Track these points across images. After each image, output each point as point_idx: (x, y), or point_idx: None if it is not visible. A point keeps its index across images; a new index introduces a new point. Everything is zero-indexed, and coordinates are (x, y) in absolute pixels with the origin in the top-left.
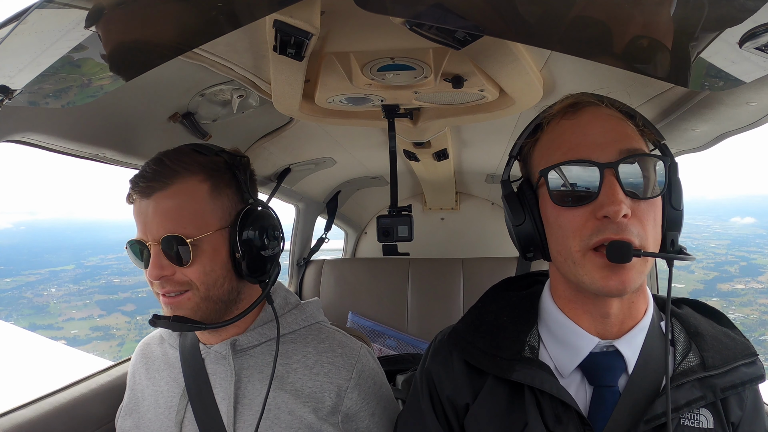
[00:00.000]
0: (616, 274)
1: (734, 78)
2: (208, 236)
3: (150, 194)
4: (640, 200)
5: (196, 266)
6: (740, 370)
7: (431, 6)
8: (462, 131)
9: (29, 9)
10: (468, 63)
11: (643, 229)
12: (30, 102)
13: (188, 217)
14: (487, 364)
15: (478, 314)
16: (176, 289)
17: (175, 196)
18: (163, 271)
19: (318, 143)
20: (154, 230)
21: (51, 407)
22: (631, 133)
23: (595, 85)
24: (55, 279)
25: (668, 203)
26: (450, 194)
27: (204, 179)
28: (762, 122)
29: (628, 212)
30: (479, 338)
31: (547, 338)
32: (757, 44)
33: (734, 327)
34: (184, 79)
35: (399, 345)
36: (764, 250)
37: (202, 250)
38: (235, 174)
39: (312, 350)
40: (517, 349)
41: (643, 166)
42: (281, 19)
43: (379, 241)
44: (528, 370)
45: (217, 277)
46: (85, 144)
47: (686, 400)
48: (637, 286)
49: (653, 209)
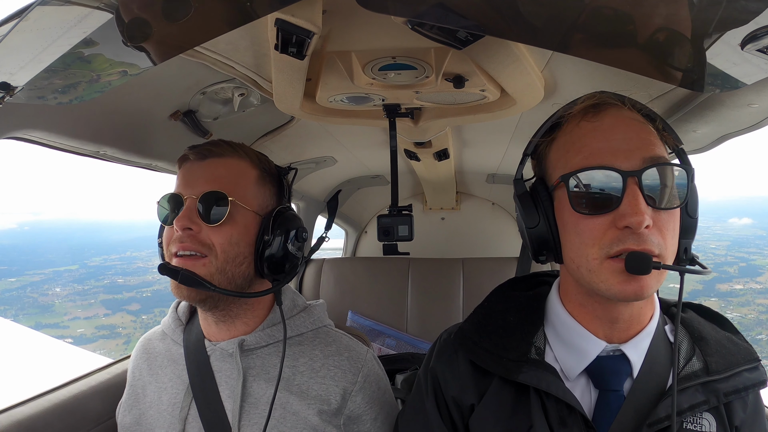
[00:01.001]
0: (635, 280)
1: (736, 80)
2: (245, 210)
3: (206, 157)
4: (661, 210)
5: (225, 230)
6: (743, 375)
7: (433, 6)
8: (463, 131)
9: (31, 6)
10: (469, 63)
11: (663, 240)
12: (31, 99)
13: (233, 185)
14: (493, 365)
15: (484, 314)
16: (197, 248)
17: (228, 165)
18: (191, 223)
19: (319, 142)
20: (198, 186)
21: (50, 404)
22: (653, 138)
23: (597, 86)
24: (59, 279)
25: (684, 211)
26: (450, 194)
27: (255, 167)
28: (763, 124)
29: (650, 223)
30: (485, 338)
31: (553, 340)
32: (759, 46)
33: (737, 332)
34: (185, 77)
35: (398, 344)
36: (764, 251)
37: (234, 219)
38: (281, 178)
39: (319, 353)
40: (523, 350)
41: (664, 175)
42: (283, 18)
43: (380, 241)
44: (534, 372)
45: (238, 253)
46: (86, 141)
47: (689, 404)
48: (653, 293)
49: (673, 219)
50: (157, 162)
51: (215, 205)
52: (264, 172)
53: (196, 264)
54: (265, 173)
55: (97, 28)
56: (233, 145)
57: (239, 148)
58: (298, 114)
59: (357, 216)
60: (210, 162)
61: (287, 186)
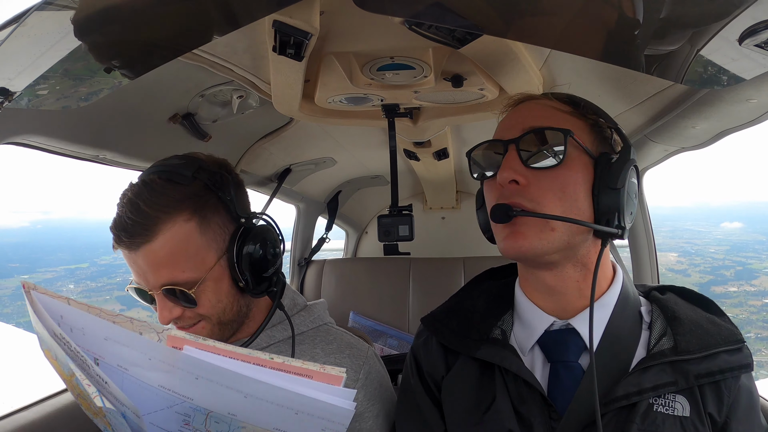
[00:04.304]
0: (511, 237)
1: (734, 75)
2: (209, 273)
3: (137, 248)
4: (538, 171)
5: (203, 303)
6: (720, 356)
7: (430, 5)
8: (462, 130)
9: (28, 11)
10: (467, 62)
11: (541, 196)
12: (30, 104)
13: (183, 262)
14: (456, 343)
15: (457, 300)
16: (189, 323)
17: (164, 245)
18: (172, 314)
19: (318, 143)
20: (152, 280)
21: (53, 409)
22: (553, 115)
23: (595, 82)
24: (71, 276)
25: (602, 182)
26: (450, 193)
27: (189, 216)
28: (762, 119)
29: (519, 179)
30: (453, 320)
31: (516, 323)
32: (757, 41)
33: (723, 314)
34: (183, 80)
35: (400, 344)
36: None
37: (205, 288)
38: (219, 196)
39: (320, 351)
40: (485, 330)
41: (541, 138)
42: (280, 20)
43: (380, 241)
44: (492, 349)
45: (225, 305)
46: (85, 146)
47: (653, 384)
48: (537, 251)
49: (558, 180)
50: None
51: (180, 293)
52: (199, 211)
53: (197, 330)
54: (201, 209)
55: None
56: (153, 212)
57: (159, 210)
58: (297, 115)
59: (357, 216)
60: (144, 251)
61: (230, 200)
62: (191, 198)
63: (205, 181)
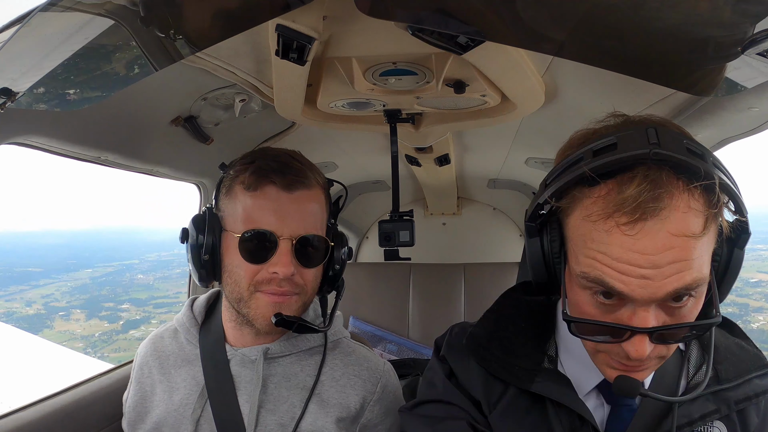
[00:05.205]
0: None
1: (736, 83)
2: (327, 244)
3: (293, 189)
4: (676, 315)
5: (316, 270)
6: (753, 382)
7: (433, 11)
8: (464, 136)
9: (32, 12)
10: (470, 68)
11: (678, 336)
12: (33, 105)
13: (320, 223)
14: (505, 374)
15: (495, 319)
16: (291, 290)
17: (319, 199)
18: (289, 269)
19: (320, 148)
20: (294, 226)
21: (52, 409)
22: (695, 247)
23: (597, 90)
24: (129, 271)
25: (720, 286)
26: (452, 199)
27: (323, 192)
28: (763, 128)
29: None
30: (496, 344)
31: (563, 352)
32: (759, 50)
33: (746, 337)
34: (186, 83)
35: (400, 350)
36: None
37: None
38: (329, 196)
39: (339, 363)
40: (536, 359)
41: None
42: (284, 24)
43: (381, 246)
44: (548, 383)
45: (316, 285)
46: (87, 147)
47: (700, 414)
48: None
49: (693, 313)
50: (158, 168)
51: (311, 249)
52: (326, 195)
53: (291, 301)
54: (326, 195)
55: (98, 35)
56: (312, 171)
57: (316, 174)
58: (299, 119)
59: (358, 221)
60: (299, 196)
61: (329, 199)
62: (324, 183)
63: (323, 183)
